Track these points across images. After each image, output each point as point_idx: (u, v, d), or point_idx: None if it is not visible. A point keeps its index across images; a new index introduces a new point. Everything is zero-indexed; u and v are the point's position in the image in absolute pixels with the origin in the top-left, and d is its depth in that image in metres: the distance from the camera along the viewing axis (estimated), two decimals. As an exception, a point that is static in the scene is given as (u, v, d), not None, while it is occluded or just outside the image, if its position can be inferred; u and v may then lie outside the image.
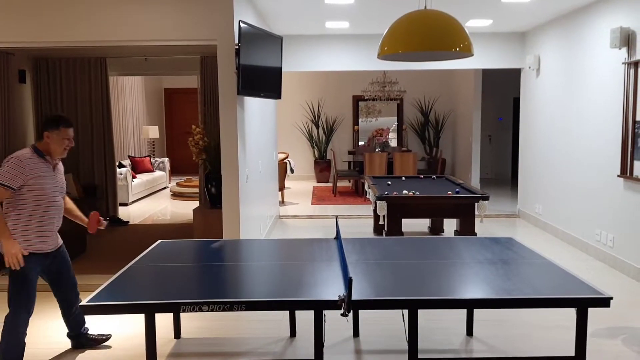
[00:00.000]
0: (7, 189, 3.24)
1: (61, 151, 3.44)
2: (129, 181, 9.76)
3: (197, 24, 5.07)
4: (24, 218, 3.34)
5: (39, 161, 3.36)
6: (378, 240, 4.04)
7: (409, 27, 3.89)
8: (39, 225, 3.39)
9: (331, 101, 13.38)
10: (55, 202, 3.45)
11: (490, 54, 8.29)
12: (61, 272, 3.66)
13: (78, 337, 3.85)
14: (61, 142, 3.41)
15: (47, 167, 3.40)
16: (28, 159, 3.31)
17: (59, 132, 3.40)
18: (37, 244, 3.40)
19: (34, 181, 3.31)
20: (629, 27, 5.40)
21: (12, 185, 3.25)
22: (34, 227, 3.37)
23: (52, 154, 3.43)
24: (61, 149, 3.43)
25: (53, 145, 3.41)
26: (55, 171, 3.48)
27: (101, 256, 6.28)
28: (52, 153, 3.43)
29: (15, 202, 3.32)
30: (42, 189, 3.35)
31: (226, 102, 5.15)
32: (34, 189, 3.33)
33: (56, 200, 3.46)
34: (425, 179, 7.47)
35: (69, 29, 5.08)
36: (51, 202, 3.42)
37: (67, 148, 3.45)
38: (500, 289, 2.86)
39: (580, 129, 6.51)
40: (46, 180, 3.37)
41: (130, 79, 11.78)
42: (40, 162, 3.37)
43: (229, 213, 5.25)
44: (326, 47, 8.34)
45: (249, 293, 2.88)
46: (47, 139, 3.40)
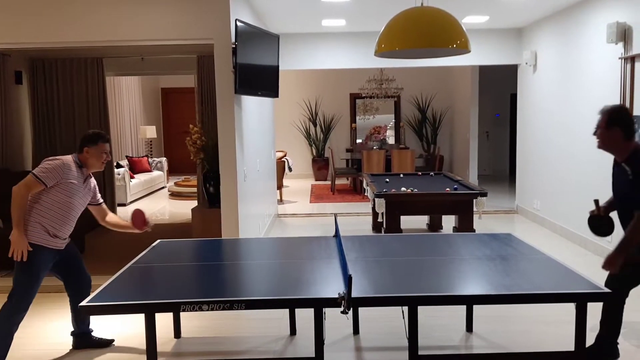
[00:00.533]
0: (41, 184, 3.40)
1: (100, 165, 3.64)
2: (126, 181, 9.74)
3: (194, 23, 5.06)
4: (43, 214, 3.46)
5: (76, 170, 3.56)
6: (377, 237, 4.04)
7: (406, 24, 3.89)
8: (52, 226, 3.50)
9: (328, 99, 13.37)
10: (74, 211, 3.59)
11: (487, 50, 8.30)
12: (71, 266, 3.74)
13: (82, 336, 3.87)
14: (99, 157, 3.61)
15: (80, 178, 3.59)
16: (70, 165, 3.52)
17: (97, 147, 3.59)
18: (49, 241, 3.51)
19: (64, 185, 3.48)
20: (625, 22, 5.41)
21: (46, 182, 3.41)
22: (49, 226, 3.48)
23: (89, 167, 3.64)
24: (99, 162, 3.63)
25: (92, 160, 3.60)
26: (85, 184, 3.64)
27: (100, 257, 6.27)
28: (90, 166, 3.63)
29: (40, 199, 3.46)
30: (69, 194, 3.51)
31: (223, 101, 5.14)
32: (62, 192, 3.48)
33: (76, 210, 3.61)
34: (423, 176, 7.47)
35: (65, 30, 5.06)
36: (72, 210, 3.56)
37: (104, 162, 3.65)
38: (500, 285, 2.87)
39: (577, 125, 6.52)
40: (75, 188, 3.54)
41: (127, 79, 11.76)
42: (77, 172, 3.57)
43: (227, 212, 5.25)
44: (323, 45, 8.34)
45: (249, 292, 2.88)
46: (86, 154, 3.60)
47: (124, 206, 9.65)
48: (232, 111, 5.15)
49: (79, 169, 3.58)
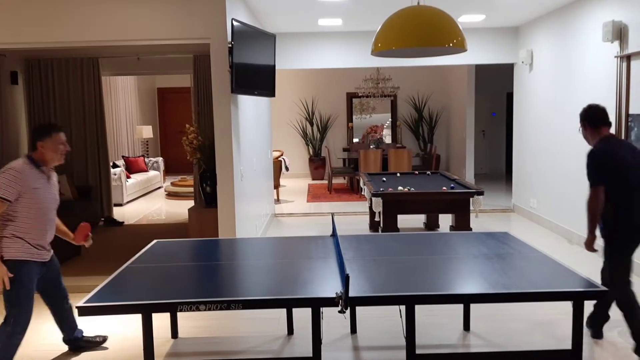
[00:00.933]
0: (4, 201, 3.19)
1: (58, 157, 3.40)
2: (123, 181, 9.72)
3: (190, 23, 5.05)
4: (21, 229, 3.29)
5: (35, 172, 3.32)
6: (374, 236, 4.04)
7: (403, 23, 3.89)
8: (33, 237, 3.34)
9: (325, 98, 13.37)
10: (49, 214, 3.41)
11: (483, 49, 8.30)
12: (54, 281, 3.62)
13: (74, 341, 3.81)
14: (56, 149, 3.37)
15: (43, 178, 3.36)
16: (25, 171, 3.27)
17: (52, 139, 3.35)
18: (34, 253, 3.36)
19: (30, 193, 3.27)
20: (621, 21, 5.42)
21: (8, 198, 3.20)
22: (30, 238, 3.32)
23: (48, 163, 3.39)
24: (58, 155, 3.39)
25: (49, 154, 3.36)
26: (50, 182, 3.43)
27: (96, 257, 6.25)
28: (49, 161, 3.39)
29: (12, 214, 3.26)
30: (38, 200, 3.30)
31: (220, 101, 5.13)
32: (30, 201, 3.27)
33: (50, 213, 3.43)
34: (420, 175, 7.48)
35: (60, 30, 5.05)
36: (46, 214, 3.38)
37: (63, 153, 3.42)
38: (497, 284, 2.87)
39: (573, 123, 6.53)
40: (41, 192, 3.33)
41: (123, 79, 11.73)
42: (37, 173, 3.33)
43: (224, 212, 5.24)
44: (319, 44, 8.33)
45: (246, 292, 2.87)
46: (41, 149, 3.35)
47: (121, 206, 9.63)
48: (228, 111, 5.14)
49: (36, 169, 3.33)
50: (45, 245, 3.45)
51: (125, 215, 8.87)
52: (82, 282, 5.21)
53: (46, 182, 3.38)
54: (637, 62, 5.20)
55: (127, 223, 8.26)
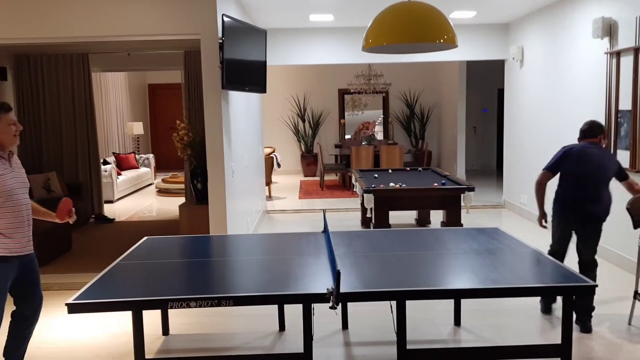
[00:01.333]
0: None
1: (12, 139, 3.12)
2: (113, 178, 9.67)
3: (180, 19, 5.02)
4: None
5: None
6: (366, 233, 4.05)
7: (393, 19, 3.88)
8: (8, 227, 3.07)
9: (317, 95, 13.35)
10: (20, 200, 3.13)
11: (474, 46, 8.32)
12: (31, 281, 3.26)
13: None
14: (9, 130, 3.10)
15: (3, 164, 3.09)
16: None
17: (1, 120, 3.08)
18: (11, 247, 3.09)
19: None
20: (611, 17, 5.45)
21: None
22: (3, 230, 3.06)
23: (3, 146, 3.12)
24: (10, 136, 3.11)
25: (1, 136, 3.08)
26: (13, 166, 3.16)
27: (87, 254, 6.22)
28: (3, 145, 3.11)
29: None
30: (3, 188, 3.04)
31: (210, 97, 5.11)
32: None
33: (20, 199, 3.14)
34: (411, 172, 7.49)
35: (50, 25, 5.00)
36: (16, 200, 3.10)
37: (16, 134, 3.14)
38: (487, 279, 2.88)
39: (563, 119, 6.56)
40: (5, 178, 3.06)
41: (113, 75, 11.66)
42: None
43: (215, 208, 5.23)
44: (311, 40, 8.31)
45: (237, 288, 2.87)
46: None
47: (111, 203, 9.59)
48: (219, 107, 5.12)
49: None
50: (23, 235, 3.15)
51: (115, 212, 8.83)
52: (72, 279, 5.18)
53: (8, 167, 3.11)
54: (627, 58, 5.23)
55: (118, 220, 8.22)
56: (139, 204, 9.68)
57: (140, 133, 12.38)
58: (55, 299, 4.78)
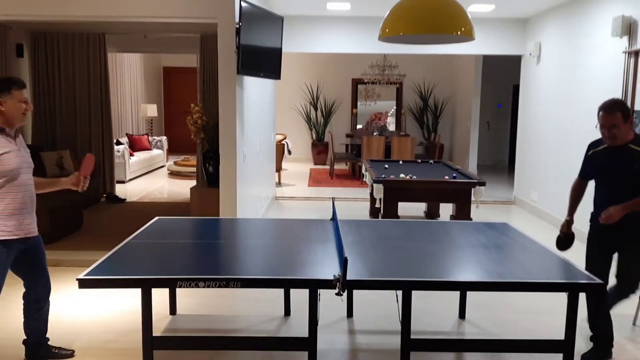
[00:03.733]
0: None
1: (20, 117, 3.02)
2: (126, 159, 9.74)
3: (198, 2, 5.03)
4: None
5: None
6: (374, 222, 4.06)
7: (411, 9, 3.87)
8: (12, 207, 2.99)
9: (330, 83, 13.33)
10: (24, 180, 3.06)
11: (491, 40, 8.26)
12: (35, 264, 3.21)
13: (37, 346, 3.33)
14: (18, 107, 3.00)
15: (9, 142, 2.99)
16: None
17: (12, 95, 2.96)
18: (12, 229, 3.00)
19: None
20: (631, 16, 5.39)
21: None
22: (6, 210, 2.98)
23: (11, 124, 3.01)
24: (19, 113, 3.01)
25: (10, 113, 2.97)
26: (18, 145, 3.05)
27: (98, 233, 6.29)
28: (11, 122, 3.00)
29: None
30: (8, 167, 2.95)
31: (225, 81, 5.13)
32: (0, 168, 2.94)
33: (25, 179, 3.06)
34: (422, 164, 7.48)
35: (67, 3, 5.03)
36: (20, 180, 3.02)
37: (25, 113, 3.04)
38: (494, 273, 2.89)
39: (578, 117, 6.52)
40: (10, 157, 2.96)
41: (129, 56, 11.70)
42: (1, 137, 2.96)
43: (226, 192, 5.27)
44: (327, 28, 8.29)
45: (245, 271, 2.90)
46: (0, 107, 2.95)
47: (123, 183, 9.67)
48: (233, 92, 5.14)
49: (1, 134, 2.96)
50: (26, 217, 3.08)
51: (127, 193, 8.90)
52: (83, 256, 5.25)
53: (14, 146, 3.02)
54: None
55: (129, 200, 8.29)
56: (151, 186, 9.75)
57: (154, 115, 12.43)
58: (65, 275, 4.85)
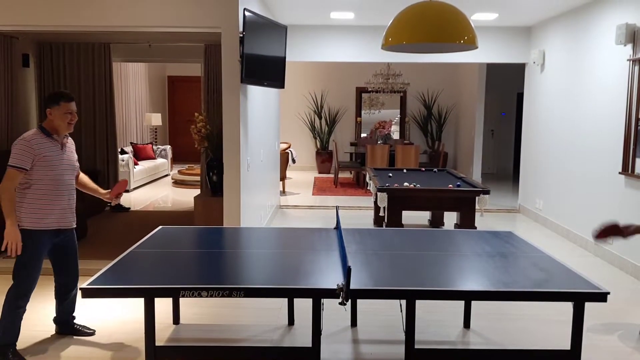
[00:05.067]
0: (20, 170, 3.33)
1: (65, 126, 3.48)
2: (130, 168, 9.77)
3: (202, 12, 5.05)
4: (35, 197, 3.41)
5: (45, 140, 3.42)
6: (378, 231, 4.05)
7: (414, 18, 3.88)
8: (49, 203, 3.45)
9: (334, 92, 13.35)
10: (64, 180, 3.51)
11: (495, 48, 8.26)
12: (68, 254, 3.69)
13: (64, 324, 3.84)
14: (64, 117, 3.45)
15: (55, 146, 3.47)
16: (35, 139, 3.38)
17: (60, 107, 3.44)
18: (48, 221, 3.46)
19: (42, 160, 3.38)
20: (635, 24, 5.38)
21: (23, 167, 3.34)
22: (45, 205, 3.43)
23: (58, 131, 3.48)
24: (65, 123, 3.47)
25: (57, 122, 3.45)
26: (64, 149, 3.54)
27: (102, 241, 6.30)
28: (58, 130, 3.48)
29: (27, 182, 3.40)
30: (51, 167, 3.42)
31: (229, 90, 5.14)
32: (43, 168, 3.39)
33: (65, 179, 3.52)
34: (426, 172, 7.47)
35: (73, 13, 5.07)
36: (60, 180, 3.48)
37: (71, 122, 3.49)
38: (498, 282, 2.88)
39: (583, 126, 6.50)
40: (54, 159, 3.44)
41: (134, 66, 11.76)
42: (47, 141, 3.43)
43: (229, 201, 5.27)
44: (331, 37, 8.32)
45: (248, 280, 2.89)
46: (50, 116, 3.45)
47: (127, 192, 9.68)
48: (237, 100, 5.15)
49: (48, 138, 3.45)
50: (61, 212, 3.52)
51: (131, 202, 8.92)
52: (86, 265, 5.22)
53: (59, 150, 3.49)
54: (650, 66, 5.17)
55: (133, 209, 8.30)
56: (155, 194, 9.77)
57: (158, 124, 12.48)
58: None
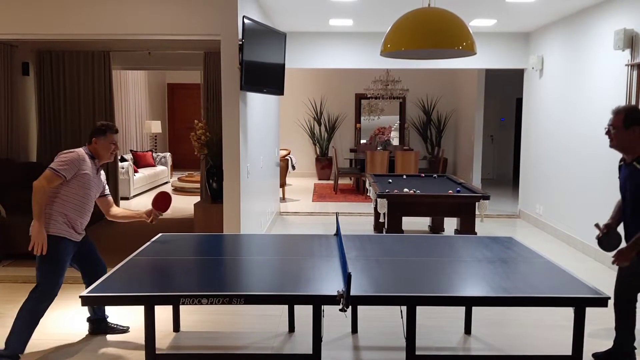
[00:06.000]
0: (61, 177, 3.47)
1: (108, 156, 3.73)
2: (130, 175, 9.77)
3: (201, 19, 5.07)
4: (63, 206, 3.55)
5: (89, 161, 3.65)
6: (378, 237, 4.05)
7: (413, 24, 3.89)
8: (73, 216, 3.59)
9: (334, 99, 13.38)
10: (90, 200, 3.70)
11: (494, 54, 8.29)
12: (90, 256, 3.84)
13: (99, 322, 3.98)
14: (108, 147, 3.71)
15: (93, 169, 3.69)
16: (84, 157, 3.61)
17: (106, 138, 3.69)
18: (71, 232, 3.61)
19: (81, 177, 3.57)
20: (633, 29, 5.40)
21: (65, 175, 3.49)
22: (70, 217, 3.58)
23: (100, 158, 3.73)
24: (108, 153, 3.72)
25: (101, 151, 3.70)
26: (98, 175, 3.76)
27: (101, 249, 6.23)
28: (99, 157, 3.73)
29: (61, 193, 3.55)
30: (85, 185, 3.61)
31: (229, 98, 5.15)
32: (78, 184, 3.57)
33: (91, 201, 3.72)
34: (426, 178, 7.47)
35: (72, 21, 5.08)
36: (88, 200, 3.67)
37: (113, 152, 3.75)
38: (499, 287, 2.87)
39: (582, 131, 6.51)
40: (90, 179, 3.64)
41: (133, 73, 11.79)
42: (90, 163, 3.66)
43: (229, 208, 5.27)
44: (330, 44, 8.34)
45: (249, 287, 2.89)
46: (95, 145, 3.69)
47: (127, 200, 9.68)
48: (237, 107, 5.16)
49: (91, 160, 3.68)
50: (80, 228, 3.70)
51: (131, 209, 8.91)
52: (87, 273, 5.23)
53: (95, 173, 3.71)
54: (648, 70, 5.18)
55: (133, 216, 8.28)
56: (154, 202, 9.74)
57: (158, 131, 12.49)
58: (69, 292, 4.84)
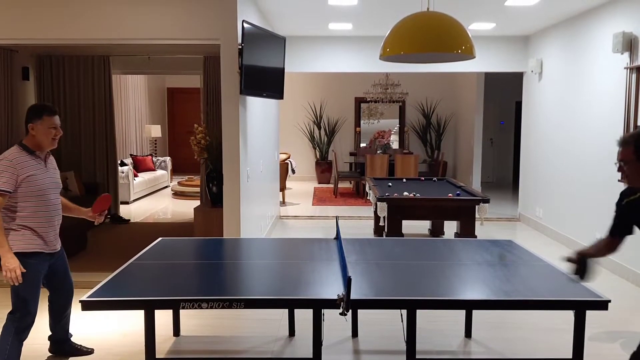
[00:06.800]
0: (4, 193, 3.06)
1: (49, 142, 3.22)
2: (130, 179, 9.77)
3: (201, 23, 5.08)
4: (24, 220, 3.16)
5: (29, 158, 3.16)
6: (378, 241, 4.05)
7: (412, 28, 3.90)
8: (39, 225, 3.21)
9: (333, 102, 13.39)
10: (50, 199, 3.26)
11: (493, 58, 8.30)
12: (61, 274, 3.51)
13: (61, 342, 3.68)
14: (48, 133, 3.19)
15: (38, 164, 3.21)
16: (17, 158, 3.12)
17: (43, 121, 3.17)
18: (41, 244, 3.23)
19: (27, 181, 3.12)
20: (632, 32, 5.41)
21: (7, 189, 3.06)
22: (35, 227, 3.19)
23: (41, 147, 3.22)
24: (49, 139, 3.20)
25: (39, 137, 3.18)
26: (47, 166, 3.28)
27: (101, 254, 6.29)
28: (41, 146, 3.21)
29: (13, 205, 3.14)
30: (37, 187, 3.16)
31: (228, 102, 5.16)
32: (29, 192, 3.14)
33: (51, 198, 3.27)
34: (426, 181, 7.48)
35: (72, 26, 5.09)
36: (46, 200, 3.23)
37: (55, 138, 3.23)
38: (499, 291, 2.87)
39: (581, 134, 6.51)
40: (38, 178, 3.18)
41: (133, 78, 11.80)
42: (31, 159, 3.17)
43: (229, 212, 5.26)
44: (329, 48, 8.35)
45: (249, 291, 2.89)
46: (32, 132, 3.18)
47: (127, 204, 9.68)
48: (236, 111, 5.17)
49: (30, 155, 3.17)
50: (53, 235, 3.32)
51: (131, 213, 8.91)
52: (86, 278, 5.22)
53: (43, 167, 3.23)
54: (647, 73, 5.19)
55: (133, 221, 8.29)
56: (155, 206, 9.76)
57: (158, 136, 12.50)
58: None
